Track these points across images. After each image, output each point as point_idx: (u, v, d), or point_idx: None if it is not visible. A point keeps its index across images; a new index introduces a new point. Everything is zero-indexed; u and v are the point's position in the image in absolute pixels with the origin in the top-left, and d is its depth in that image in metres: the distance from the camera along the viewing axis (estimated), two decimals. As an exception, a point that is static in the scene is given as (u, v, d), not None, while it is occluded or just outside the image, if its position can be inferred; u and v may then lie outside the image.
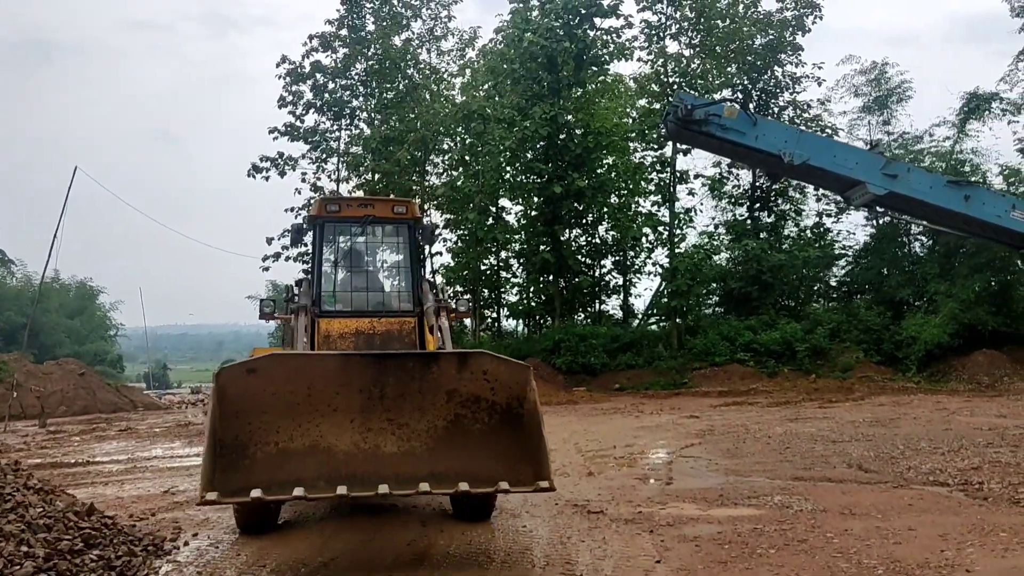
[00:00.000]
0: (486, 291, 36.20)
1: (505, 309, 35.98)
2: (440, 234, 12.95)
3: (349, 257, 10.27)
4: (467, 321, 36.37)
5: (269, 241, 33.14)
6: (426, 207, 34.27)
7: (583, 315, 34.25)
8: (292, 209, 34.01)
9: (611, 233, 34.56)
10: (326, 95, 33.38)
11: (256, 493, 6.13)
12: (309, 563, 6.86)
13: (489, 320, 36.80)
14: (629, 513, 8.77)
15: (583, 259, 33.68)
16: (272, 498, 6.29)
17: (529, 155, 31.21)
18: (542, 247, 31.21)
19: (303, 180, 34.11)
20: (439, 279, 34.33)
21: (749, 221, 33.64)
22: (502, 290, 36.25)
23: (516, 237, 34.78)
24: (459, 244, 33.22)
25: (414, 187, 33.24)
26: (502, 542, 7.53)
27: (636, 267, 35.38)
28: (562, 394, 26.77)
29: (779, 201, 34.17)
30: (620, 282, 35.41)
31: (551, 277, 32.92)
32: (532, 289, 33.40)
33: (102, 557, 6.52)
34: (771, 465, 11.94)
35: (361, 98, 34.01)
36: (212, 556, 7.13)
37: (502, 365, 7.02)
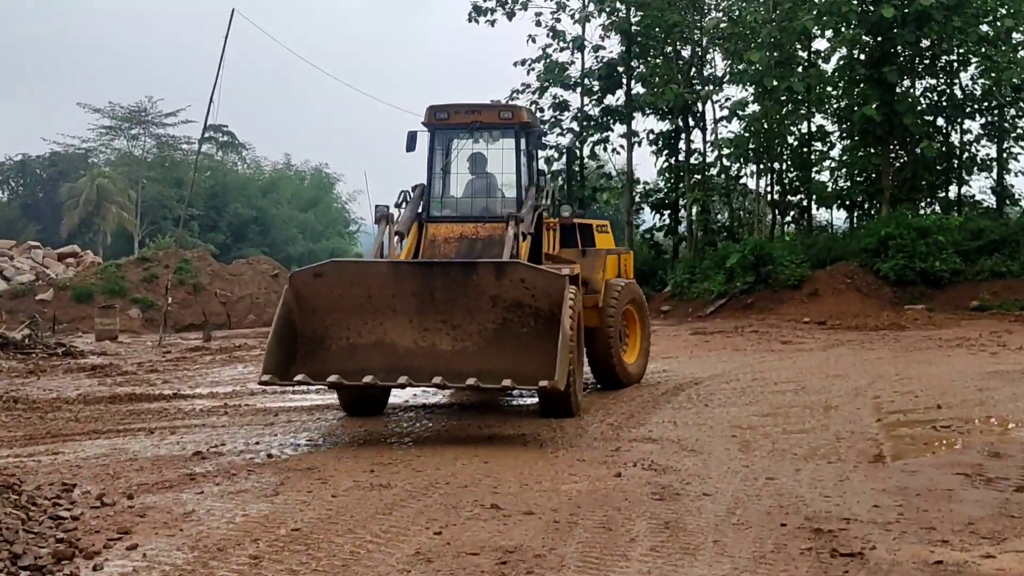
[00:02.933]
0: (793, 171, 32.13)
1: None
2: (549, 138, 11.93)
3: (458, 163, 12.29)
4: (767, 212, 32.72)
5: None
6: (706, 49, 30.64)
7: (928, 201, 29.21)
8: (523, 63, 31.96)
9: (979, 81, 28.98)
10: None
11: (333, 379, 9.07)
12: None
13: (795, 211, 32.77)
14: (915, 562, 5.50)
15: (930, 119, 28.45)
16: (318, 383, 9.29)
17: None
18: (867, 103, 26.51)
19: (537, 23, 31.82)
20: (723, 151, 30.77)
21: None
22: (815, 168, 32.00)
23: (832, 92, 30.20)
24: (748, 104, 29.29)
25: (686, 28, 29.72)
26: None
27: (1018, 132, 29.52)
28: (885, 314, 22.86)
29: None
30: (992, 153, 29.81)
31: (879, 146, 28.19)
32: (849, 162, 28.85)
33: None
34: None
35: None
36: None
37: (538, 274, 9.43)
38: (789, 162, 31.96)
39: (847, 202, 30.94)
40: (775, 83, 26.35)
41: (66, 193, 51.01)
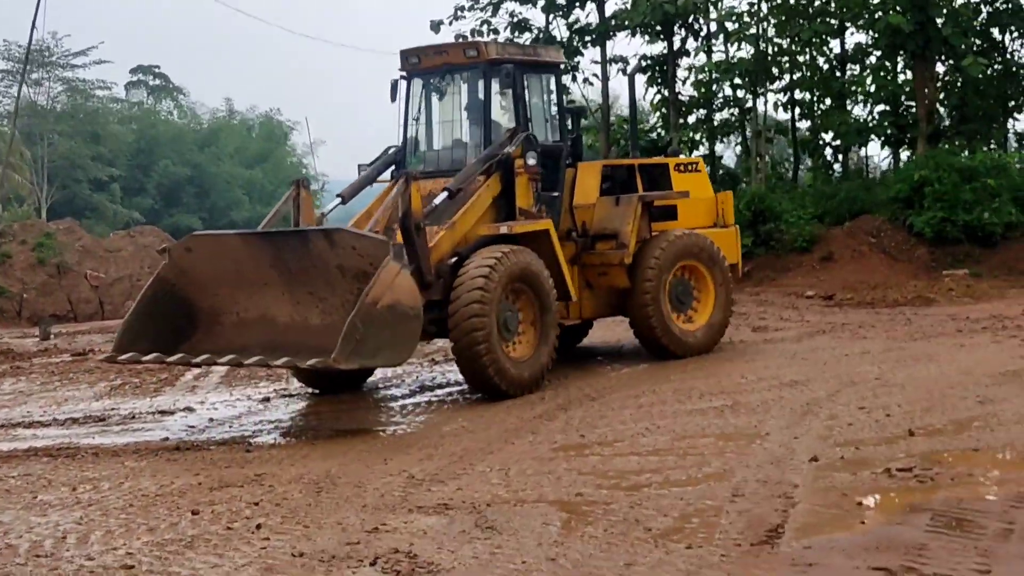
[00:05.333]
0: (828, 99, 29.84)
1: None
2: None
3: (438, 112, 13.26)
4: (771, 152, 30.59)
5: (436, 27, 29.34)
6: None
7: (979, 137, 26.89)
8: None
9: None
10: None
11: (151, 357, 10.59)
12: None
13: (827, 150, 30.56)
14: None
15: (980, 28, 26.10)
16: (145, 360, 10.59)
17: None
18: (894, 9, 24.18)
19: None
20: (711, 77, 28.41)
21: None
22: (849, 98, 29.71)
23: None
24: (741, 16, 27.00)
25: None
26: None
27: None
28: (913, 284, 20.87)
29: None
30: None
31: (911, 66, 25.88)
32: (876, 87, 26.58)
33: None
34: None
35: None
36: None
37: (364, 241, 10.09)
38: (820, 90, 29.67)
39: (881, 139, 28.60)
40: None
41: (-55, 153, 48.93)
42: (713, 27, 28.15)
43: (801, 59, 29.56)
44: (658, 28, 28.30)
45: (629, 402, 10.75)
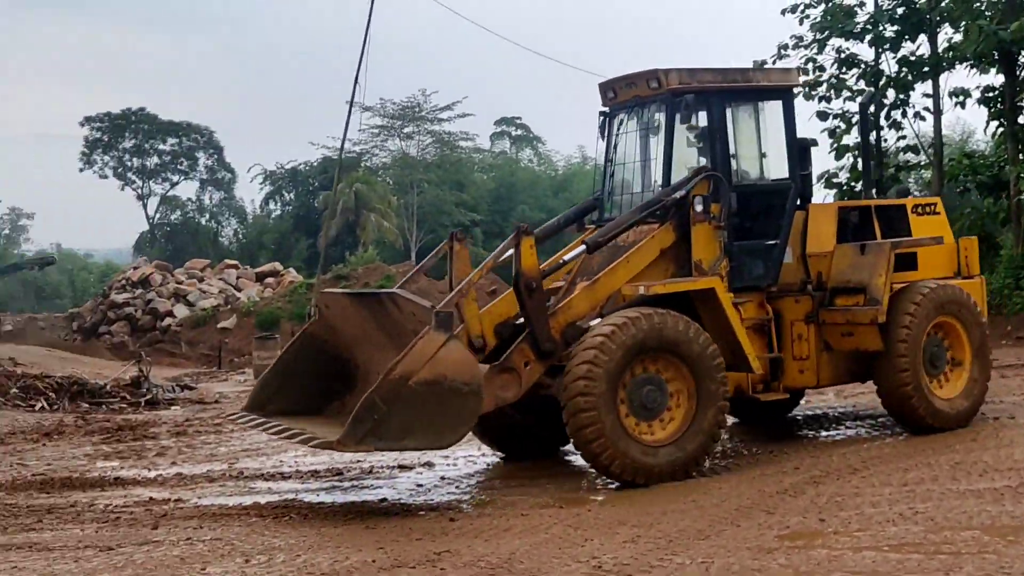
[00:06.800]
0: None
1: None
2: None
3: (632, 150, 11.73)
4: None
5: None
6: None
7: None
8: (795, 9, 28.07)
9: None
10: None
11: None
12: None
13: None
14: None
15: None
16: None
17: None
18: None
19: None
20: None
21: None
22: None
23: None
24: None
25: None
26: None
27: None
28: None
29: None
30: None
31: None
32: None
33: None
34: None
35: None
36: None
37: (415, 306, 9.21)
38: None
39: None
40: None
41: (322, 203, 52.21)
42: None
43: None
44: (995, 56, 25.56)
45: (894, 477, 9.18)
